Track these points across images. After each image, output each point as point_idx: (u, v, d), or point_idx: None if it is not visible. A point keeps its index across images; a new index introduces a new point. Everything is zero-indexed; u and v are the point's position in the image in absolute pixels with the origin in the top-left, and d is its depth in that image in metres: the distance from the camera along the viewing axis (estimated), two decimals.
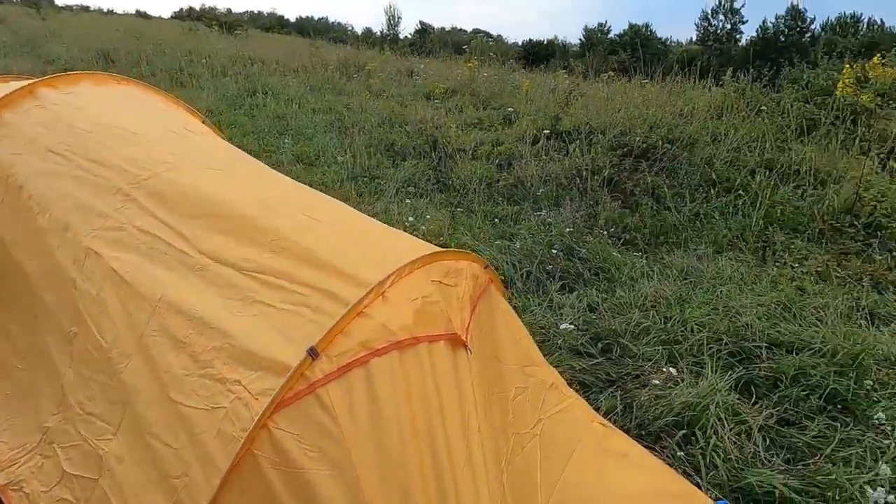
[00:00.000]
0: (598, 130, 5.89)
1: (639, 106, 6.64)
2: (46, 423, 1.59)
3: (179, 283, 1.40)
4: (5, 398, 1.74)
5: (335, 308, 1.22)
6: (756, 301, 3.07)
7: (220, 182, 1.69)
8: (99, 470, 1.37)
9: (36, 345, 1.71)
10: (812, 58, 26.91)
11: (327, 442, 1.08)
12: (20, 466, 1.56)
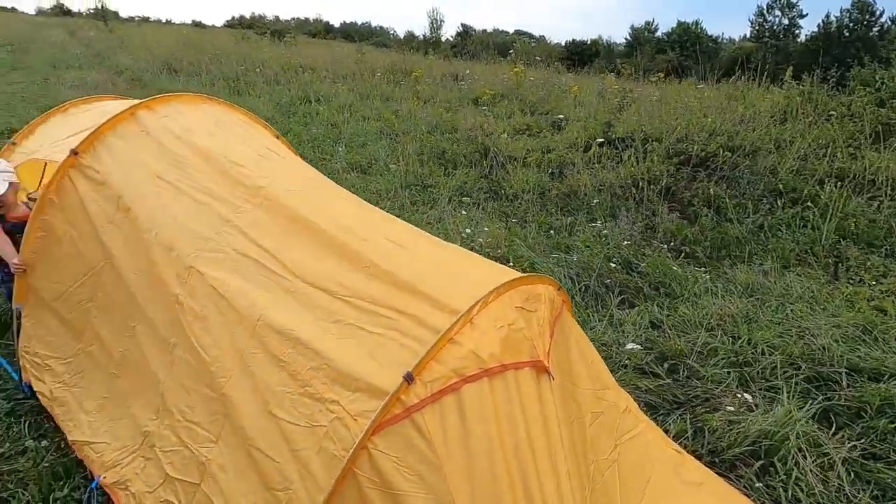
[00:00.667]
0: (652, 137, 5.74)
1: (695, 111, 6.43)
2: (146, 428, 1.71)
3: (276, 304, 1.49)
4: (103, 401, 1.89)
5: (426, 335, 1.26)
6: (831, 322, 2.92)
7: (309, 207, 1.77)
8: (201, 476, 1.47)
9: (133, 353, 1.85)
10: (883, 55, 25.18)
11: (424, 467, 1.12)
12: (124, 467, 1.69)
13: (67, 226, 2.09)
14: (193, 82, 11.50)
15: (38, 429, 2.04)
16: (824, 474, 1.88)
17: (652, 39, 44.00)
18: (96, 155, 2.15)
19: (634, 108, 6.78)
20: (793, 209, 4.51)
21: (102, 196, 2.03)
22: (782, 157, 5.13)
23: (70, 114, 2.92)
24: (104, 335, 1.93)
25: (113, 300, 1.94)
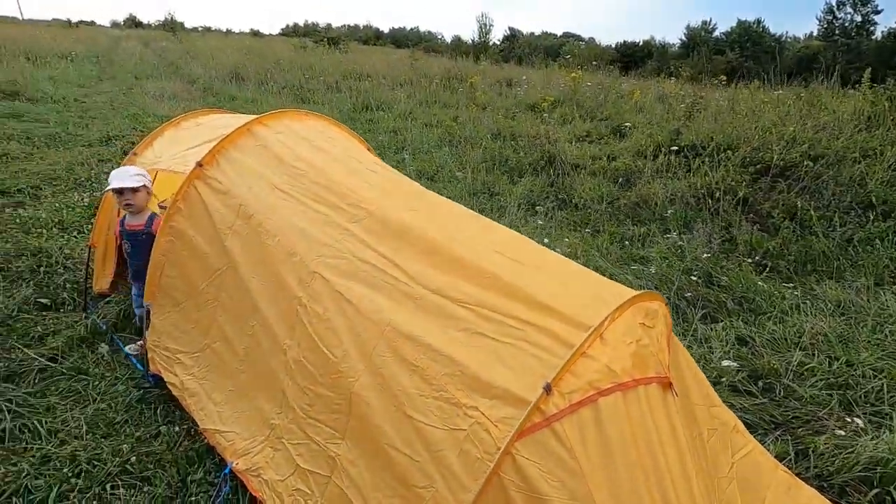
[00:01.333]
0: (724, 146, 5.58)
1: (770, 118, 6.18)
2: (273, 421, 1.86)
3: (401, 310, 1.59)
4: (229, 394, 2.06)
5: (559, 348, 1.32)
6: None
7: (423, 219, 1.88)
8: (331, 469, 1.58)
9: (253, 351, 2.00)
10: None
11: (565, 474, 1.18)
12: (255, 455, 1.84)
13: (193, 231, 2.28)
14: (261, 90, 12.09)
15: (167, 415, 2.25)
16: None
17: (709, 40, 42.34)
18: (219, 167, 2.34)
19: (704, 114, 6.57)
20: (885, 223, 4.27)
21: (225, 204, 2.22)
22: (871, 166, 4.85)
23: (182, 128, 3.17)
24: (228, 333, 2.10)
25: (235, 301, 2.11)
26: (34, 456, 2.00)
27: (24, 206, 4.36)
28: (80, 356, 2.59)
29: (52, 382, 2.41)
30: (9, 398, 2.23)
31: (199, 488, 1.90)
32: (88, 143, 6.56)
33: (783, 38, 42.14)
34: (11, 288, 3.11)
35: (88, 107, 9.08)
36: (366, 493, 1.44)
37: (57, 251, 3.51)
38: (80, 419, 2.19)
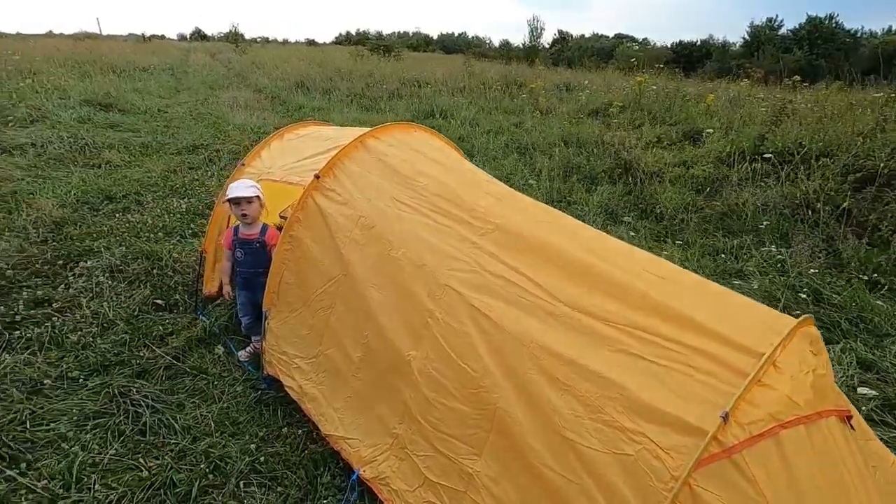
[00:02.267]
0: (817, 152, 5.25)
1: (867, 121, 5.77)
2: (395, 430, 1.89)
3: (544, 327, 1.58)
4: (348, 400, 2.11)
5: (730, 375, 1.27)
6: None
7: (551, 232, 1.87)
8: (466, 485, 1.59)
9: (369, 359, 2.05)
10: None
11: None
12: (380, 464, 1.88)
13: (311, 240, 2.37)
14: (326, 99, 12.50)
15: (286, 417, 2.34)
16: None
17: (775, 38, 40.11)
18: (336, 179, 2.42)
19: (792, 119, 6.21)
20: None
21: (344, 215, 2.29)
22: None
23: (286, 139, 3.31)
24: (343, 340, 2.17)
25: (350, 309, 2.17)
26: (172, 451, 2.13)
27: (131, 212, 4.68)
28: (199, 356, 2.75)
29: (177, 380, 2.56)
30: (144, 394, 2.39)
31: (326, 491, 1.96)
32: (177, 151, 6.98)
33: (858, 33, 39.35)
34: (130, 289, 3.35)
35: (171, 116, 9.67)
36: None
37: (166, 255, 3.74)
38: (207, 417, 2.32)
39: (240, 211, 2.67)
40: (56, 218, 4.31)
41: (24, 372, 2.49)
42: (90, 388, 2.44)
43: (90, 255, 3.74)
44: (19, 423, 2.19)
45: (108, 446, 2.11)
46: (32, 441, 2.12)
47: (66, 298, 3.14)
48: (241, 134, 7.89)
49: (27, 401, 2.32)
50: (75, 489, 1.91)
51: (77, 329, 2.87)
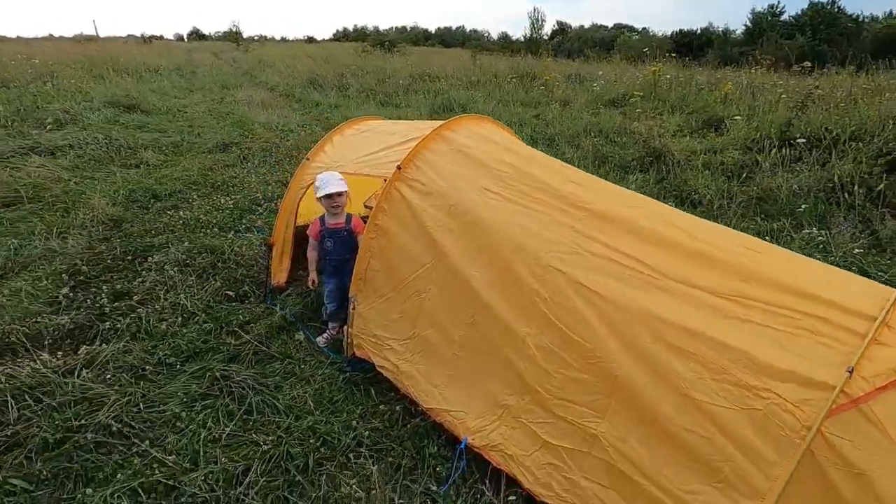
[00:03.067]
0: (847, 137, 5.35)
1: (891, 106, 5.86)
2: (504, 402, 2.02)
3: (654, 299, 1.70)
4: (448, 377, 2.24)
5: (847, 336, 1.40)
6: None
7: (642, 216, 1.99)
8: (589, 445, 1.72)
9: (474, 338, 2.18)
10: None
11: (880, 449, 1.26)
12: (490, 433, 2.01)
13: (398, 229, 2.50)
14: (341, 95, 12.59)
15: (379, 395, 2.47)
16: None
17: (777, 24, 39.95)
18: (418, 170, 2.54)
19: (818, 105, 6.30)
20: None
21: (433, 205, 2.41)
22: None
23: (348, 135, 3.43)
24: (441, 321, 2.29)
25: (447, 292, 2.29)
26: (279, 428, 2.26)
27: (180, 209, 4.80)
28: (282, 343, 2.88)
29: (267, 365, 2.70)
30: (242, 377, 2.53)
31: (434, 460, 2.10)
32: (207, 150, 7.10)
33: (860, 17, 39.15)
34: (200, 281, 3.48)
35: (192, 116, 9.78)
36: (644, 467, 1.56)
37: (228, 249, 3.87)
38: (304, 397, 2.45)
39: (332, 203, 2.80)
40: (112, 216, 4.44)
41: (125, 359, 2.63)
42: (189, 373, 2.58)
43: (155, 250, 3.87)
44: (133, 406, 2.33)
45: (220, 424, 2.25)
46: (150, 421, 2.26)
47: (144, 291, 3.28)
48: (268, 132, 8.01)
49: (136, 384, 2.46)
50: (202, 462, 2.05)
51: (162, 319, 3.00)
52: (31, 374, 2.44)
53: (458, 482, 1.99)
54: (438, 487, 1.97)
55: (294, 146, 7.18)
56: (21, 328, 2.79)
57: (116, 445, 2.13)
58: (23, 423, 2.20)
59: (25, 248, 3.80)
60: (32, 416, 2.24)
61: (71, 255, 3.67)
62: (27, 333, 2.77)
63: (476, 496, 1.93)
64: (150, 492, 1.92)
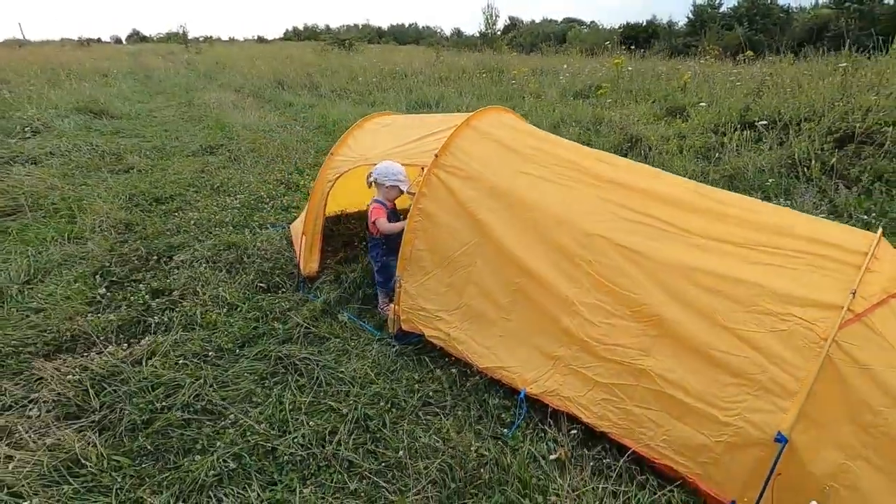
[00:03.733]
0: (799, 118, 5.96)
1: (830, 90, 6.54)
2: (555, 353, 2.32)
3: (688, 253, 2.04)
4: (499, 339, 2.52)
5: (846, 268, 1.77)
6: None
7: (660, 185, 2.34)
8: (637, 378, 2.04)
9: (522, 303, 2.46)
10: None
11: (880, 350, 1.63)
12: (545, 381, 2.31)
13: (440, 211, 2.75)
14: (308, 94, 12.59)
15: (433, 362, 2.72)
16: None
17: (717, 16, 42.09)
18: (454, 156, 2.80)
19: (771, 90, 6.94)
20: None
21: (473, 188, 2.68)
22: None
23: (368, 129, 3.65)
24: (488, 290, 2.56)
25: (493, 264, 2.57)
26: (348, 395, 2.49)
27: (186, 210, 4.86)
28: (328, 325, 3.08)
29: (320, 345, 2.90)
30: (302, 356, 2.73)
31: (497, 411, 2.38)
32: (192, 152, 7.07)
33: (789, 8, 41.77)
34: (232, 276, 3.62)
35: (164, 120, 9.62)
36: (691, 389, 1.89)
37: (250, 244, 4.01)
38: (363, 368, 2.68)
39: (396, 193, 3.09)
40: (121, 220, 4.47)
41: (185, 347, 2.78)
42: (250, 356, 2.76)
43: (177, 250, 3.97)
44: (208, 386, 2.50)
45: (296, 396, 2.45)
46: (228, 398, 2.44)
47: (181, 287, 3.39)
48: (252, 133, 8.02)
49: (203, 368, 2.62)
50: (290, 427, 2.25)
51: (207, 311, 3.14)
52: (103, 365, 2.56)
53: (521, 426, 2.27)
54: (506, 432, 2.25)
55: (281, 146, 7.26)
56: (73, 326, 2.88)
57: (204, 421, 2.30)
58: (106, 410, 2.34)
59: (43, 254, 3.82)
60: (114, 401, 2.38)
61: (96, 258, 3.72)
62: (80, 331, 2.86)
63: (540, 434, 2.22)
64: (251, 454, 2.11)
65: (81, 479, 1.98)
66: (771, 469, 1.66)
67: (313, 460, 2.10)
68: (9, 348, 2.72)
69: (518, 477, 2.00)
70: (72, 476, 1.99)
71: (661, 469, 1.97)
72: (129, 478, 2.00)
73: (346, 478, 2.03)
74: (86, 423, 2.25)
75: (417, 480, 2.03)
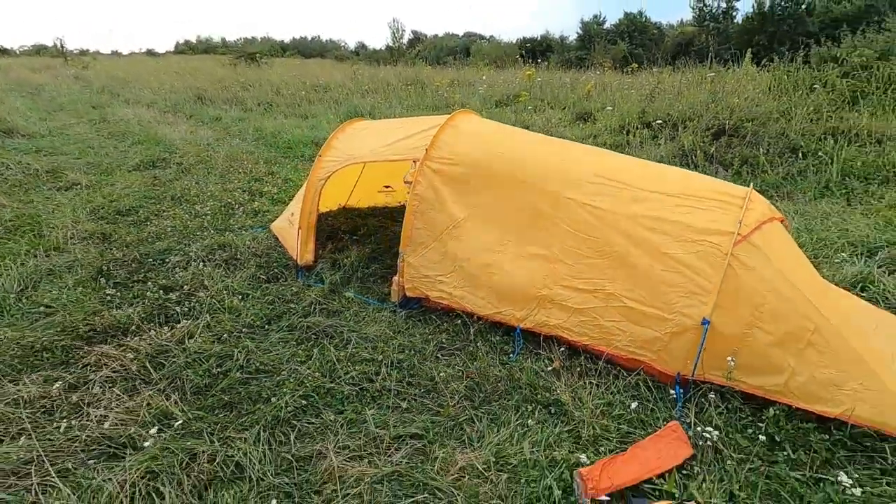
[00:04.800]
0: (683, 118, 7.31)
1: (702, 96, 8.05)
2: (540, 293, 3.01)
3: (634, 205, 2.81)
4: (489, 290, 3.16)
5: (733, 208, 2.64)
6: (861, 225, 4.47)
7: (603, 157, 3.16)
8: (606, 301, 2.78)
9: (508, 260, 3.13)
10: (812, 30, 27.60)
11: (762, 257, 2.48)
12: (535, 317, 2.98)
13: (433, 195, 3.33)
14: (234, 108, 12.47)
15: (437, 319, 3.29)
16: None
17: (602, 32, 46.64)
18: (441, 149, 3.40)
19: (661, 96, 8.33)
20: (805, 160, 6.12)
21: (459, 173, 3.30)
22: (789, 122, 6.76)
23: (350, 133, 4.16)
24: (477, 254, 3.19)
25: (482, 232, 3.20)
26: (375, 348, 2.99)
27: (154, 220, 4.98)
28: (337, 301, 3.54)
29: (335, 317, 3.35)
30: (327, 325, 3.18)
31: (500, 345, 3.01)
32: (135, 167, 6.99)
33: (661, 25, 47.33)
34: (232, 271, 3.92)
35: (81, 138, 9.18)
36: (646, 300, 2.64)
37: (240, 244, 4.30)
38: (380, 330, 3.19)
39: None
40: (94, 231, 4.53)
41: (219, 327, 3.11)
42: (280, 329, 3.15)
43: (167, 253, 4.16)
44: (254, 353, 2.88)
45: (332, 353, 2.91)
46: (276, 359, 2.84)
47: (189, 282, 3.65)
48: (193, 147, 8.01)
49: (243, 341, 2.98)
50: (341, 373, 2.72)
51: (223, 299, 3.46)
52: (151, 344, 2.84)
53: (522, 353, 2.93)
54: (511, 356, 2.89)
55: (229, 158, 7.38)
56: (102, 321, 3.08)
57: (262, 378, 2.69)
58: (167, 381, 2.65)
59: (24, 266, 3.85)
60: (172, 373, 2.69)
61: (89, 265, 3.83)
62: (109, 323, 3.07)
63: (536, 355, 2.89)
64: (311, 396, 2.56)
65: (174, 429, 2.31)
66: (701, 344, 2.46)
67: (367, 393, 2.60)
68: (40, 343, 2.88)
69: (529, 384, 2.65)
70: (164, 427, 2.32)
71: (628, 363, 2.72)
72: (213, 424, 2.37)
73: (398, 400, 2.56)
74: (154, 392, 2.55)
75: (452, 397, 2.60)
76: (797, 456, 2.12)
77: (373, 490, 2.02)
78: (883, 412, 2.19)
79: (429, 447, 2.26)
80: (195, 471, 2.06)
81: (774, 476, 2.03)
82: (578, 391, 2.59)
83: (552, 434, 2.29)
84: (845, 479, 1.97)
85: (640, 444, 2.16)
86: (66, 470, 2.06)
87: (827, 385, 2.28)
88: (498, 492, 2.01)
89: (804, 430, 2.21)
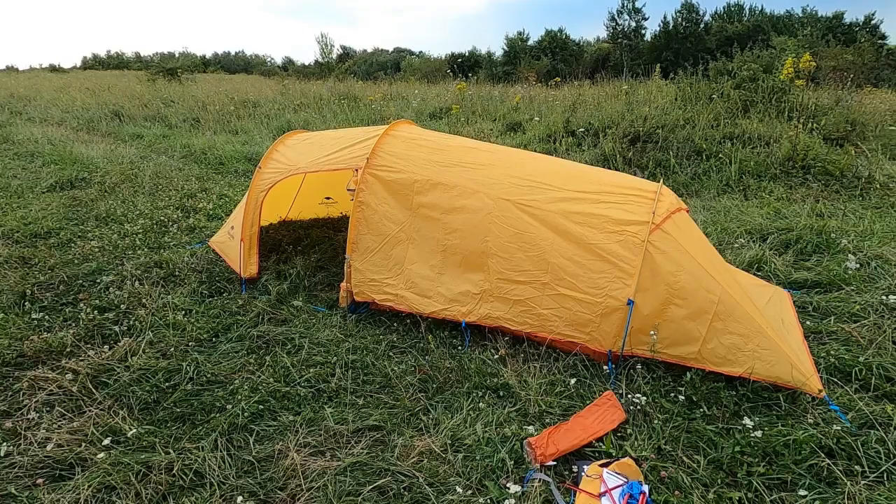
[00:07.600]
0: (602, 126, 7.93)
1: (618, 106, 8.78)
2: (481, 287, 3.21)
3: (561, 203, 3.09)
4: (437, 291, 3.34)
5: (646, 201, 2.99)
6: (757, 216, 5.10)
7: (528, 159, 3.43)
8: (541, 291, 3.03)
9: (452, 259, 3.32)
10: (711, 46, 30.18)
11: (673, 243, 2.81)
12: (478, 311, 3.18)
13: (376, 201, 3.47)
14: (158, 125, 11.91)
15: (387, 321, 3.41)
16: None
17: (526, 48, 48.94)
18: (382, 158, 3.55)
19: (583, 107, 8.97)
20: (708, 162, 6.85)
21: (401, 181, 3.46)
22: (693, 129, 7.52)
23: (290, 145, 4.20)
24: (424, 255, 3.36)
25: (424, 235, 3.38)
26: (328, 352, 3.06)
27: (77, 242, 4.72)
28: (286, 310, 3.56)
29: (285, 326, 3.37)
30: (276, 333, 3.20)
31: (449, 339, 3.17)
32: (49, 188, 6.55)
33: (580, 42, 50.39)
34: (171, 288, 3.82)
35: None
36: (576, 286, 2.91)
37: (178, 260, 4.19)
38: (332, 335, 3.25)
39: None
40: (11, 255, 4.24)
41: (163, 343, 3.04)
42: (229, 340, 3.14)
43: (97, 274, 3.98)
44: (202, 365, 2.85)
45: (286, 359, 2.94)
46: (228, 369, 2.83)
47: (126, 301, 3.53)
48: (116, 165, 7.60)
49: (191, 356, 2.94)
50: (296, 376, 2.76)
51: (165, 316, 3.37)
52: (91, 365, 2.73)
53: (470, 345, 3.11)
54: (460, 348, 3.06)
55: (157, 174, 7.09)
56: (31, 346, 2.92)
57: (215, 388, 2.68)
58: (111, 400, 2.57)
59: None
60: (117, 392, 2.62)
61: (10, 290, 3.59)
62: (40, 348, 2.92)
63: (482, 347, 3.08)
64: (267, 401, 2.58)
65: (125, 444, 2.27)
66: (627, 322, 2.76)
67: (323, 393, 2.67)
68: None
69: (478, 372, 2.83)
70: (114, 444, 2.26)
71: (565, 346, 2.98)
72: (167, 436, 2.34)
73: (355, 398, 2.64)
74: (100, 410, 2.48)
75: (407, 390, 2.73)
76: (711, 411, 2.44)
77: (336, 481, 2.09)
78: (776, 368, 2.57)
79: (388, 437, 2.37)
80: (152, 482, 2.04)
81: (693, 430, 2.33)
82: (523, 374, 2.80)
83: (502, 414, 2.48)
84: (748, 422, 2.30)
85: (580, 414, 2.40)
86: (10, 495, 1.97)
87: (732, 349, 2.63)
88: (456, 469, 2.15)
89: (716, 389, 2.54)
